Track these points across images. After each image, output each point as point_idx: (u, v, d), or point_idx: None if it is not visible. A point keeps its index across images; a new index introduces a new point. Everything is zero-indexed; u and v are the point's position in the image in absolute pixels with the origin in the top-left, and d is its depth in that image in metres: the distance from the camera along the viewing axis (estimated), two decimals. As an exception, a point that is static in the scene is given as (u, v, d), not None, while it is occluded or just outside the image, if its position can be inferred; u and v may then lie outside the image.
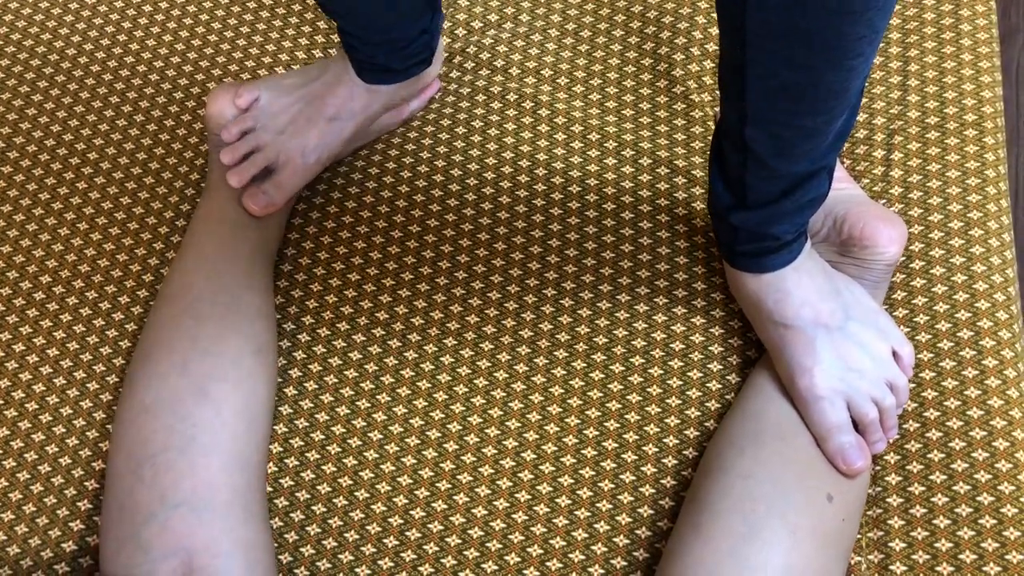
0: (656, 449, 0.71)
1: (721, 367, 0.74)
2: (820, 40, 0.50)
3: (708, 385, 0.73)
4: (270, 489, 0.71)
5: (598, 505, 0.69)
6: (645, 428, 0.72)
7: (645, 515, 0.69)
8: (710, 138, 0.83)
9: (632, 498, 0.70)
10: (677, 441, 0.71)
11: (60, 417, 0.74)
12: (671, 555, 0.63)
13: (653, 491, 0.70)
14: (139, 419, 0.66)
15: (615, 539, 0.68)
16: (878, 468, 0.70)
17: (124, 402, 0.68)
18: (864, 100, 0.84)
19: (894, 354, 0.68)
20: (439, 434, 0.72)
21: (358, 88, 0.77)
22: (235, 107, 0.77)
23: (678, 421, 0.72)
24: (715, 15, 0.83)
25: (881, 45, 0.86)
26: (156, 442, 0.64)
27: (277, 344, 0.74)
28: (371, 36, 0.74)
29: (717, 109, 0.85)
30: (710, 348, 0.74)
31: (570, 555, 0.68)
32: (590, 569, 0.68)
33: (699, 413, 0.72)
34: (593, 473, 0.70)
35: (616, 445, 0.71)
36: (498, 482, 0.71)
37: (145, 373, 0.68)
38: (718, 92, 0.72)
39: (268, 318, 0.73)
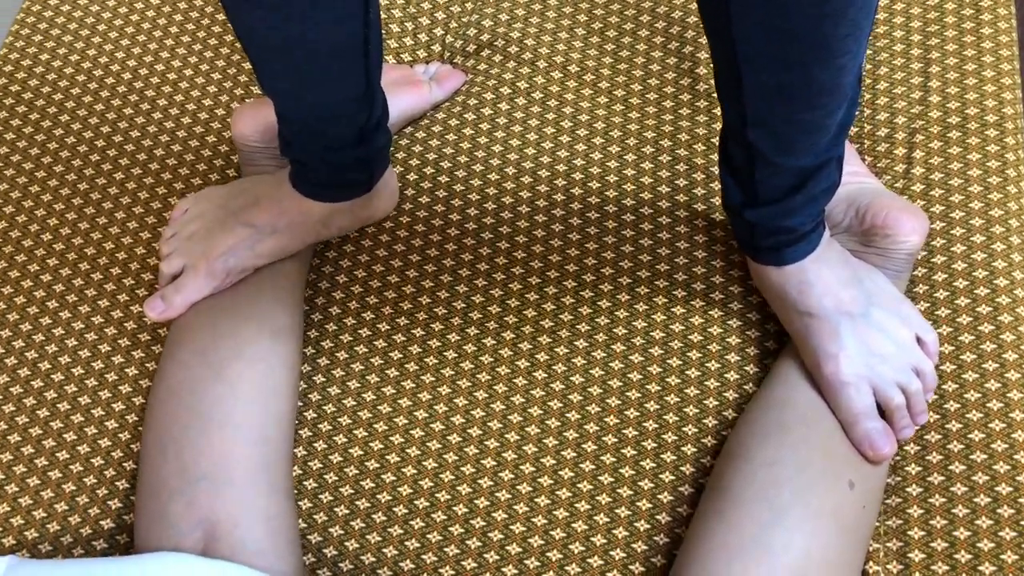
0: (675, 437, 0.72)
1: (739, 358, 0.75)
2: (805, 41, 0.52)
3: (726, 376, 0.74)
4: (299, 471, 0.73)
5: (618, 491, 0.71)
6: (664, 416, 0.73)
7: (664, 501, 0.70)
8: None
9: (652, 485, 0.71)
10: (696, 430, 0.73)
11: (99, 400, 0.77)
12: (693, 540, 0.64)
13: (672, 478, 0.71)
14: (165, 402, 0.70)
15: (636, 523, 0.70)
16: (898, 458, 0.70)
17: (154, 387, 0.72)
18: (886, 100, 0.85)
19: (918, 340, 0.69)
20: (463, 419, 0.74)
21: (287, 203, 0.74)
22: (256, 126, 0.78)
23: (697, 410, 0.73)
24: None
25: (902, 47, 0.88)
26: (178, 422, 0.68)
27: (302, 331, 0.76)
28: (303, 122, 0.68)
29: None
30: (728, 339, 0.76)
31: (588, 560, 0.69)
32: (611, 552, 0.69)
33: (717, 403, 0.73)
34: (614, 459, 0.72)
35: (636, 432, 0.73)
36: (522, 467, 0.72)
37: (172, 359, 0.72)
38: None
39: (290, 305, 0.76)
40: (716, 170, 0.83)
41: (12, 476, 0.74)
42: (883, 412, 0.67)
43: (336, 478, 0.73)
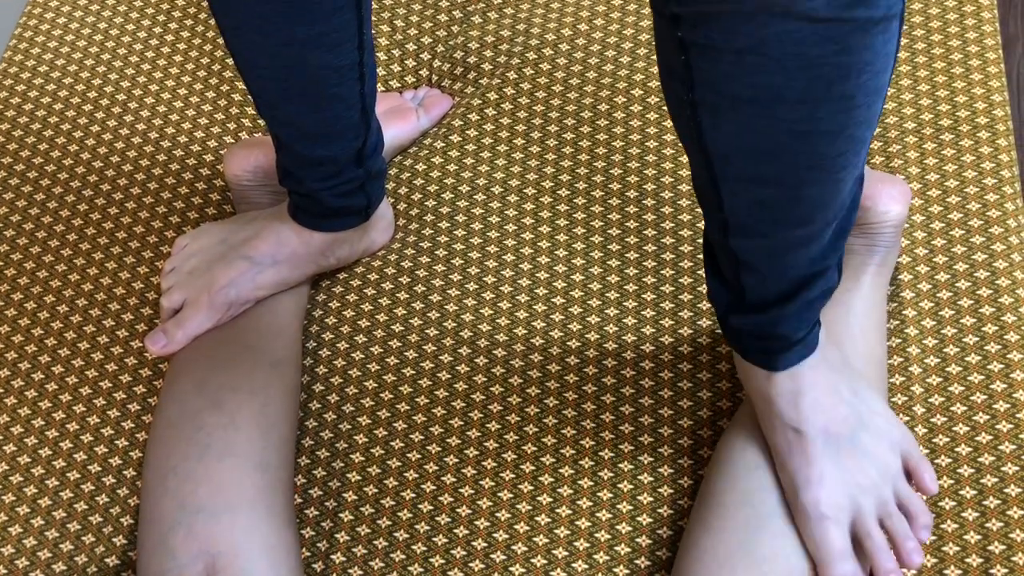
0: (671, 451, 0.72)
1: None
2: (791, 161, 0.46)
3: (718, 385, 0.74)
4: (299, 500, 0.73)
5: (618, 507, 0.70)
6: (659, 431, 0.73)
7: (665, 515, 0.69)
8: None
9: (652, 498, 0.70)
10: (691, 442, 0.72)
11: (101, 437, 0.77)
12: (684, 551, 0.63)
13: (671, 491, 0.70)
14: (164, 434, 0.70)
15: (637, 539, 0.69)
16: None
17: (154, 420, 0.73)
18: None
19: (910, 471, 0.63)
20: (459, 441, 0.74)
21: (287, 233, 0.74)
22: (247, 165, 0.79)
23: (691, 422, 0.73)
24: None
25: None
26: (177, 453, 0.68)
27: (300, 361, 0.77)
28: (302, 147, 0.69)
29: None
30: (718, 349, 0.75)
31: (594, 556, 0.69)
32: (615, 570, 0.68)
33: (711, 413, 0.73)
34: (612, 474, 0.71)
35: (632, 447, 0.72)
36: (519, 486, 0.72)
37: (170, 391, 0.72)
38: None
39: (288, 337, 0.76)
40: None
41: (16, 517, 0.74)
42: (864, 550, 0.61)
43: (335, 504, 0.73)
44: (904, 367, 0.73)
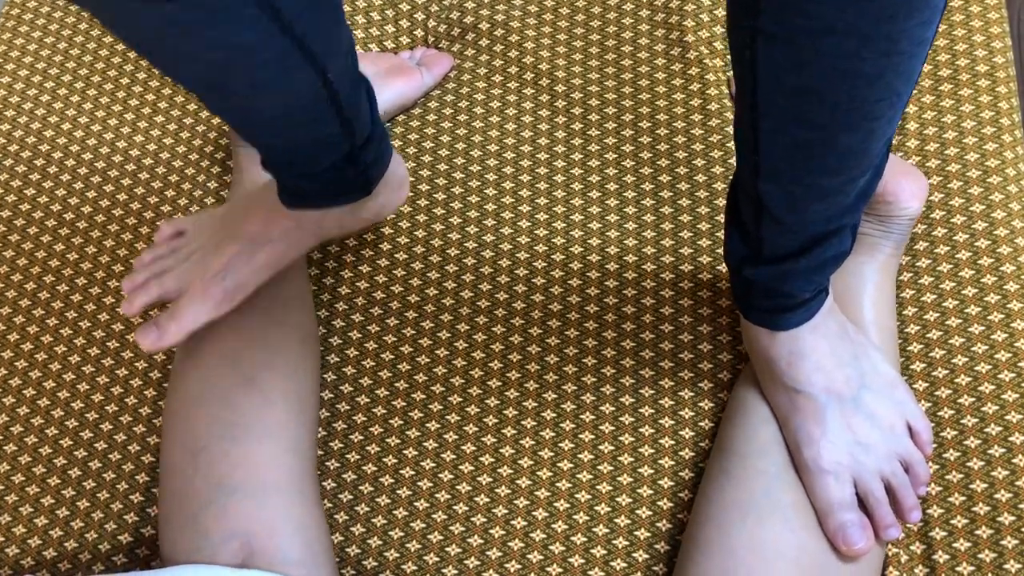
0: (673, 442, 0.72)
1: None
2: (832, 101, 0.47)
3: (720, 376, 0.75)
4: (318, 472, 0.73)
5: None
6: (660, 421, 0.73)
7: (665, 507, 0.70)
8: (725, 103, 0.84)
9: (652, 491, 0.71)
10: (693, 434, 0.73)
11: (106, 415, 0.76)
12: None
13: (672, 483, 0.71)
14: (191, 411, 0.67)
15: (636, 532, 0.70)
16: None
17: (173, 394, 0.70)
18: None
19: (910, 428, 0.64)
20: (456, 437, 0.74)
21: (277, 211, 0.68)
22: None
23: (692, 414, 0.73)
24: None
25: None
26: (210, 432, 0.66)
27: (319, 332, 0.75)
28: (284, 166, 0.64)
29: (731, 74, 0.86)
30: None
31: (591, 550, 0.70)
32: (613, 563, 0.69)
33: (713, 405, 0.73)
34: (612, 468, 0.72)
35: (632, 439, 0.73)
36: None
37: (194, 365, 0.69)
38: (730, 58, 0.72)
39: (308, 309, 0.74)
40: (714, 138, 0.83)
41: (26, 497, 0.74)
42: (865, 503, 0.63)
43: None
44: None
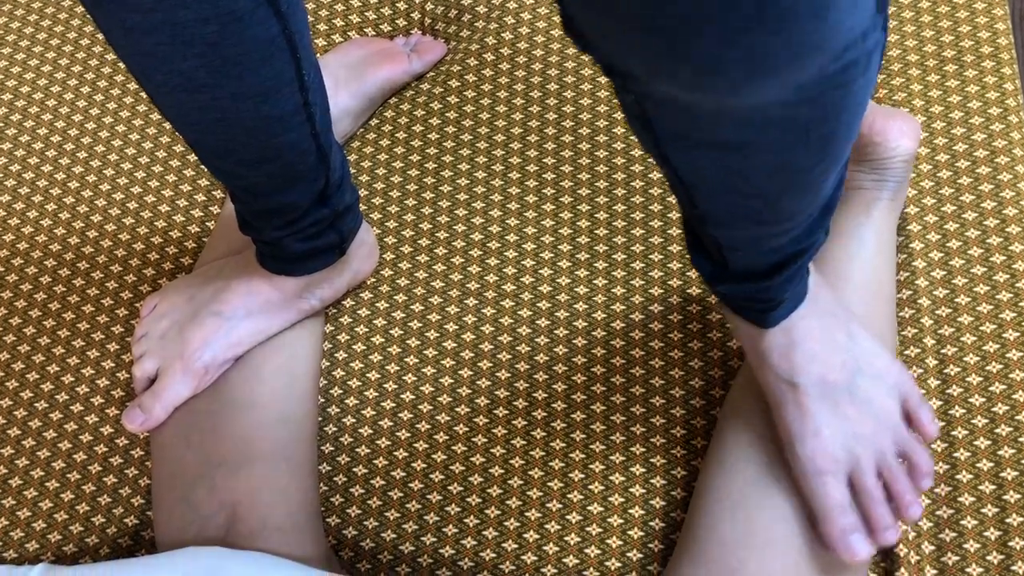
0: (664, 440, 0.71)
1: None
2: (768, 187, 0.46)
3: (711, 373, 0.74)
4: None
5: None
6: (651, 420, 0.73)
7: (658, 506, 0.70)
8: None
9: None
10: (684, 432, 0.72)
11: (112, 399, 0.76)
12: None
13: (664, 481, 0.70)
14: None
15: (629, 531, 0.69)
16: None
17: None
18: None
19: (909, 415, 0.61)
20: (446, 437, 0.74)
21: (257, 281, 0.68)
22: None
23: (684, 412, 0.73)
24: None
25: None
26: (200, 409, 0.67)
27: (323, 311, 0.76)
28: (256, 200, 0.63)
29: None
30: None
31: (585, 550, 0.69)
32: (607, 563, 0.69)
33: (704, 402, 0.73)
34: (603, 467, 0.72)
35: (623, 438, 0.72)
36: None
37: None
38: None
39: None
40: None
41: (31, 481, 0.74)
42: (861, 503, 0.60)
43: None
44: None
